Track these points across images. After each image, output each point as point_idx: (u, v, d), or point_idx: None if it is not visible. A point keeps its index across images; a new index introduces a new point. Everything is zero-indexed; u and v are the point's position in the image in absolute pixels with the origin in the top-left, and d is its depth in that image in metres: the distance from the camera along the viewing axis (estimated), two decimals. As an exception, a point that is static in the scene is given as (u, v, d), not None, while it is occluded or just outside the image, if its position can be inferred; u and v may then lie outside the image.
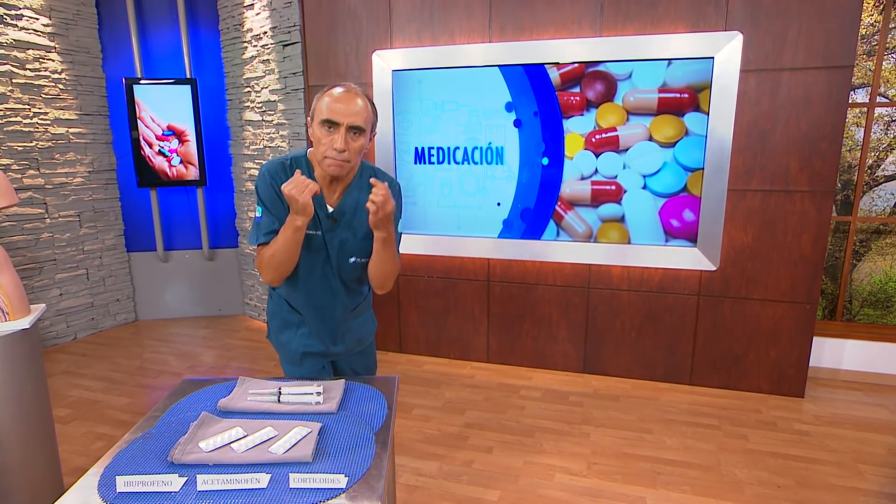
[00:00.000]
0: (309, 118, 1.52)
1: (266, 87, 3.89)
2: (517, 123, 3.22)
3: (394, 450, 1.90)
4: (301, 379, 1.59)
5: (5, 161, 3.56)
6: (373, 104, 1.53)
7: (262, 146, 4.03)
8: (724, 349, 3.16)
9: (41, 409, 1.96)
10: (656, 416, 2.88)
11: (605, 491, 2.25)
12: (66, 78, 3.88)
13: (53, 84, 3.81)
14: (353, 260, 1.62)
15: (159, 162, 4.20)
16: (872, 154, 3.29)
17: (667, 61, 2.92)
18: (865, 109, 3.20)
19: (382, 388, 1.55)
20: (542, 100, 3.15)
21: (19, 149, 3.63)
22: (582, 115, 3.10)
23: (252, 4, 3.86)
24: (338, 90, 1.47)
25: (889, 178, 3.31)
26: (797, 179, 2.88)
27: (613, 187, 3.12)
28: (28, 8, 3.62)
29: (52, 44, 3.78)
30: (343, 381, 1.55)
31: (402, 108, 3.40)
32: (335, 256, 1.60)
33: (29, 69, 3.66)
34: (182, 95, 4.16)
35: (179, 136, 4.21)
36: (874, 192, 3.33)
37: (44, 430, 1.97)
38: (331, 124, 1.44)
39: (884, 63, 3.14)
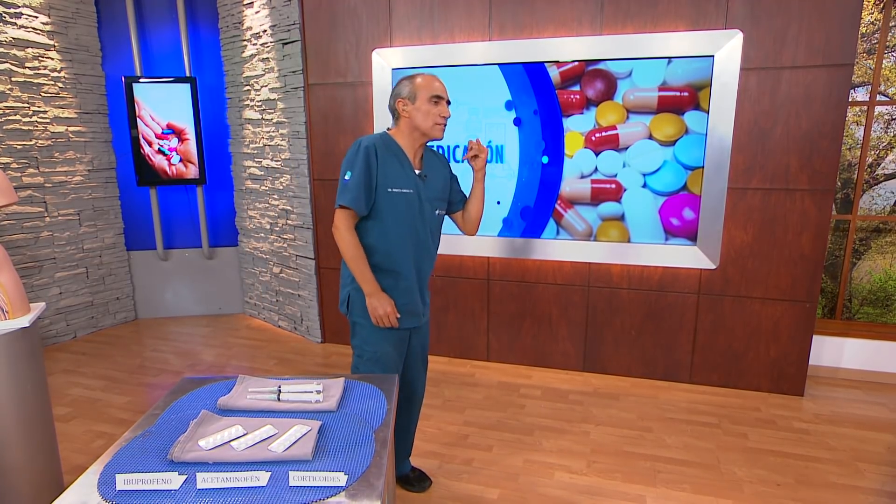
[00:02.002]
0: (406, 98, 1.86)
1: (266, 86, 3.88)
2: (517, 122, 3.22)
3: (394, 448, 1.89)
4: (298, 377, 1.59)
5: (5, 159, 3.56)
6: None
7: (261, 144, 4.03)
8: (723, 348, 3.16)
9: (41, 407, 1.95)
10: (656, 414, 2.88)
11: (605, 489, 2.25)
12: (66, 76, 3.88)
13: (53, 82, 3.80)
14: (437, 212, 1.98)
15: (159, 160, 4.20)
16: (872, 152, 3.29)
17: (667, 59, 2.91)
18: (865, 108, 3.20)
19: (382, 386, 1.55)
20: (541, 98, 3.15)
21: (19, 147, 3.63)
22: (582, 113, 3.10)
23: (252, 3, 3.86)
24: (427, 75, 1.89)
25: (889, 177, 3.31)
26: (797, 178, 2.88)
27: (613, 186, 3.12)
28: (27, 6, 3.61)
29: (52, 42, 3.77)
30: (342, 379, 1.55)
31: (402, 106, 3.39)
32: (427, 209, 1.92)
33: (28, 67, 3.66)
34: (182, 94, 4.15)
35: (179, 134, 4.21)
36: (874, 190, 3.33)
37: (44, 429, 1.97)
38: (438, 98, 1.86)
39: (884, 61, 3.14)
